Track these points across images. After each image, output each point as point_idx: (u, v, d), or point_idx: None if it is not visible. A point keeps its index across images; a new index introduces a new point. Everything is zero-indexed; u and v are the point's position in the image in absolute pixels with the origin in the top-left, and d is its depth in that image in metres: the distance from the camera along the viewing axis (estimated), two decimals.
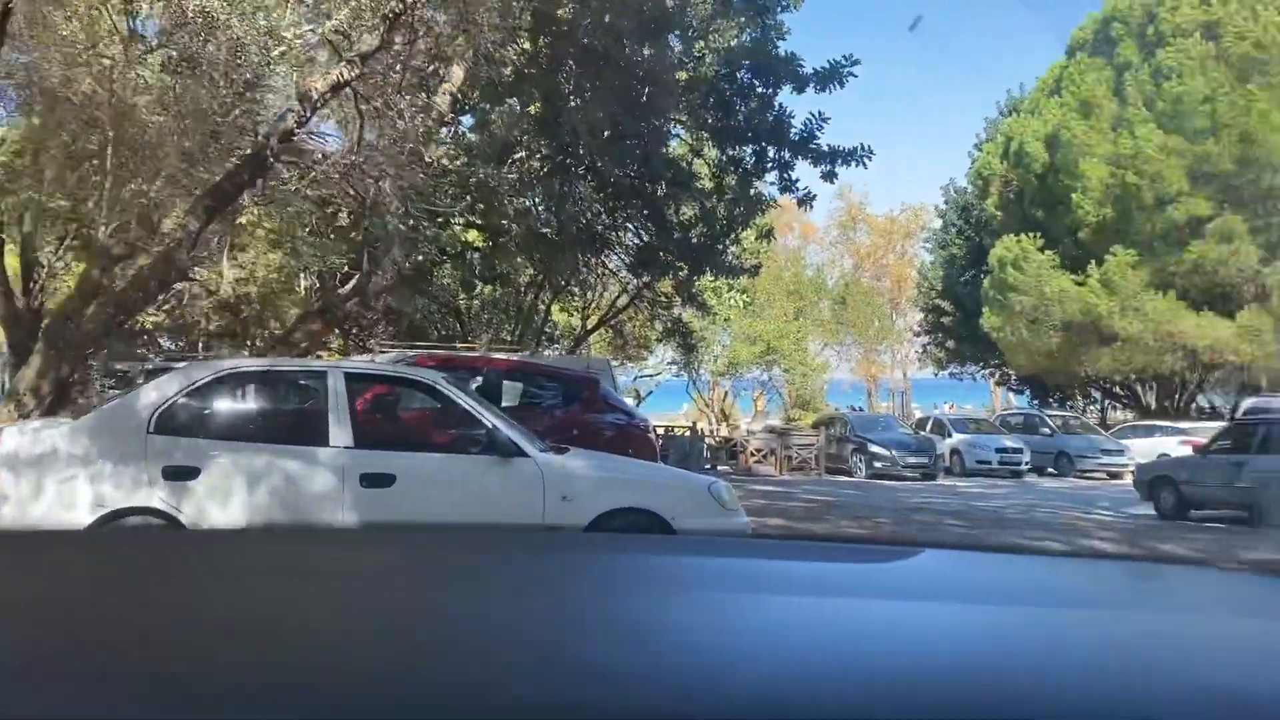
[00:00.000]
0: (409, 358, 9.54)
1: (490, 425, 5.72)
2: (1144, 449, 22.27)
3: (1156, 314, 25.04)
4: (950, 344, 37.38)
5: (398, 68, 10.29)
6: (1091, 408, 40.10)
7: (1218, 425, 23.35)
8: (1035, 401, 37.46)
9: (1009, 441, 22.99)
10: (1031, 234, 28.03)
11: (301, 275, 22.79)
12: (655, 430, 24.75)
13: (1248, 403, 16.35)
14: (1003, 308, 28.77)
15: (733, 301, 24.29)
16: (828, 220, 58.02)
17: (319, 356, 16.21)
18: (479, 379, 8.76)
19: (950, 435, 23.66)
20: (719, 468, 22.63)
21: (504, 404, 9.33)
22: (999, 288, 28.82)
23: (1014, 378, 37.79)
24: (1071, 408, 38.86)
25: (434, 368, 8.17)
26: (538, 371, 10.13)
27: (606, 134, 14.49)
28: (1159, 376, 29.11)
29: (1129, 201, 25.20)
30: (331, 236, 14.65)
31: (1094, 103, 26.96)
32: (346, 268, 16.87)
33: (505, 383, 9.47)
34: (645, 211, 15.57)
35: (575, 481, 5.72)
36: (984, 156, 33.67)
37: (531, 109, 15.42)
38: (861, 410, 34.48)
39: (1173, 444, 21.85)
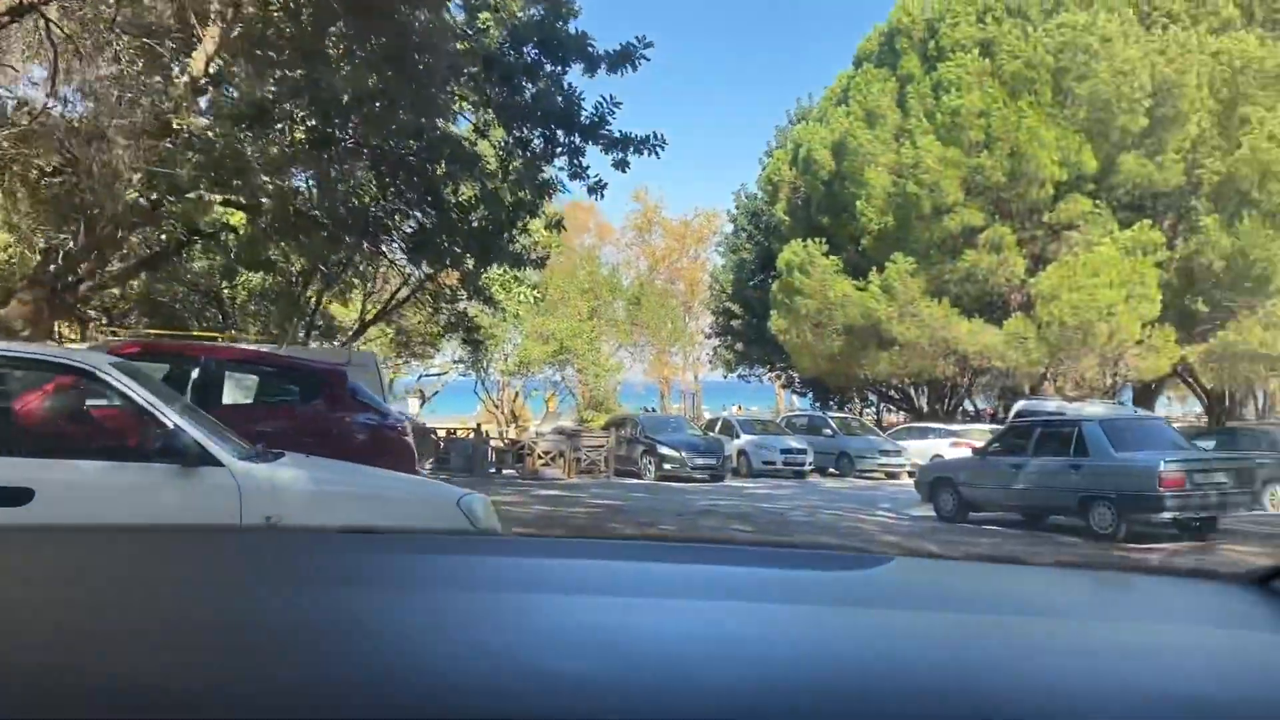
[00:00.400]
0: (107, 344, 7.93)
1: (171, 425, 4.44)
2: (919, 450, 22.92)
3: (932, 320, 25.92)
4: (739, 346, 37.82)
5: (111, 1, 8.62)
6: (868, 410, 41.80)
7: (985, 427, 24.45)
8: (817, 403, 38.54)
9: (794, 443, 23.12)
10: (817, 239, 28.52)
11: (35, 252, 20.09)
12: (434, 433, 23.39)
13: (1019, 405, 16.88)
14: (789, 311, 29.15)
15: (522, 297, 23.19)
16: (624, 222, 58.24)
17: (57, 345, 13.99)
18: (197, 370, 7.33)
19: (738, 436, 23.57)
20: (504, 471, 21.59)
21: (229, 400, 7.91)
22: (786, 292, 29.18)
23: (798, 380, 38.74)
24: (850, 410, 40.42)
25: (135, 355, 6.69)
26: (271, 363, 8.69)
27: (379, 105, 13.16)
28: (931, 380, 30.37)
29: (909, 210, 25.99)
30: (27, 198, 12.54)
31: (878, 113, 27.72)
32: (71, 244, 14.72)
33: (233, 375, 8.03)
34: (422, 192, 14.24)
35: (284, 497, 4.52)
36: (774, 163, 34.19)
37: (294, 74, 13.82)
38: (654, 411, 34.31)
39: (945, 445, 22.62)
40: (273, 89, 13.53)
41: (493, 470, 21.28)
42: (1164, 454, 10.83)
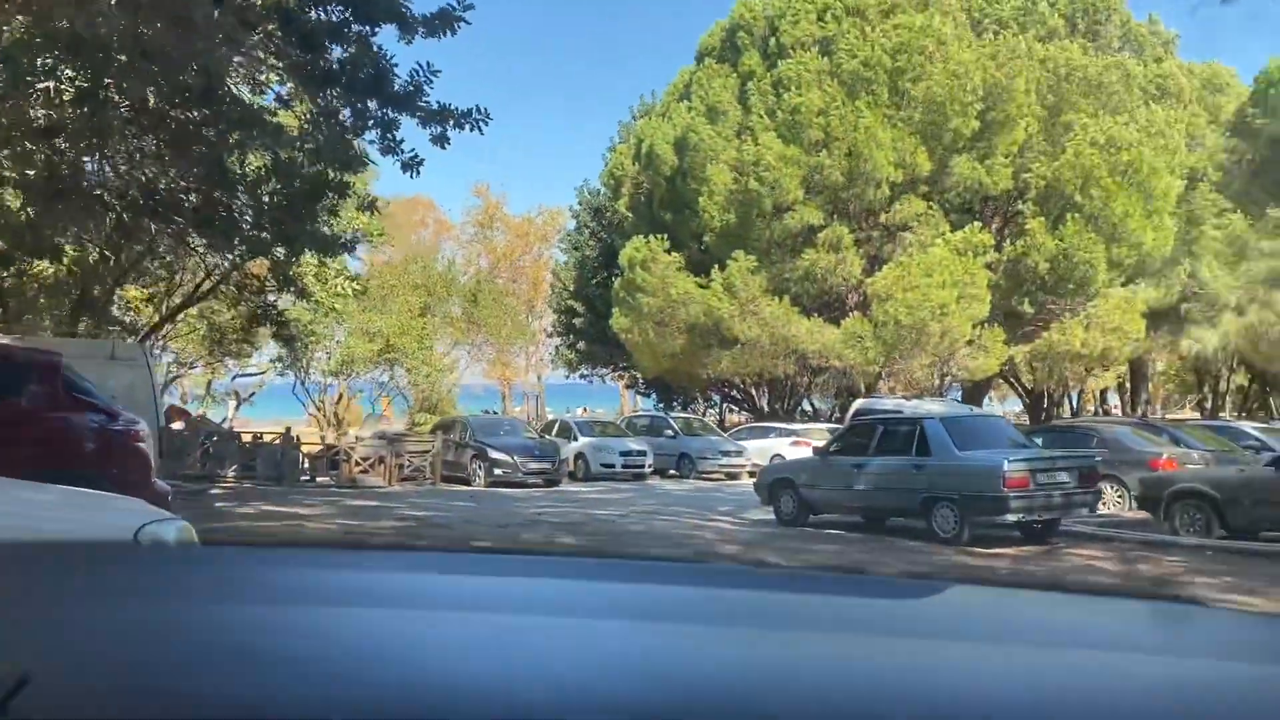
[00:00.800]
0: None
1: None
2: (760, 449, 22.48)
3: (772, 318, 25.58)
4: (581, 345, 36.84)
5: None
6: (711, 410, 41.68)
7: (824, 426, 24.25)
8: (661, 404, 38.02)
9: (633, 444, 22.25)
10: (660, 236, 27.82)
11: None
12: (239, 437, 21.33)
13: (857, 404, 16.47)
14: (631, 309, 28.35)
15: (340, 288, 21.35)
16: (465, 218, 56.48)
17: None
18: None
19: (576, 439, 22.52)
20: (320, 479, 19.85)
21: None
22: (628, 289, 28.37)
23: (641, 380, 38.13)
24: (694, 410, 40.20)
25: None
26: None
27: (155, 64, 11.47)
28: (772, 380, 30.13)
29: (750, 208, 25.60)
30: None
31: (720, 109, 27.27)
32: None
33: None
34: (209, 162, 12.48)
35: None
36: (616, 157, 33.37)
37: (58, 23, 11.92)
38: (496, 414, 32.95)
39: (785, 445, 22.24)
40: (22, 35, 11.64)
41: (306, 478, 19.53)
42: (1007, 453, 10.38)
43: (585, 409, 39.18)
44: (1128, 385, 37.93)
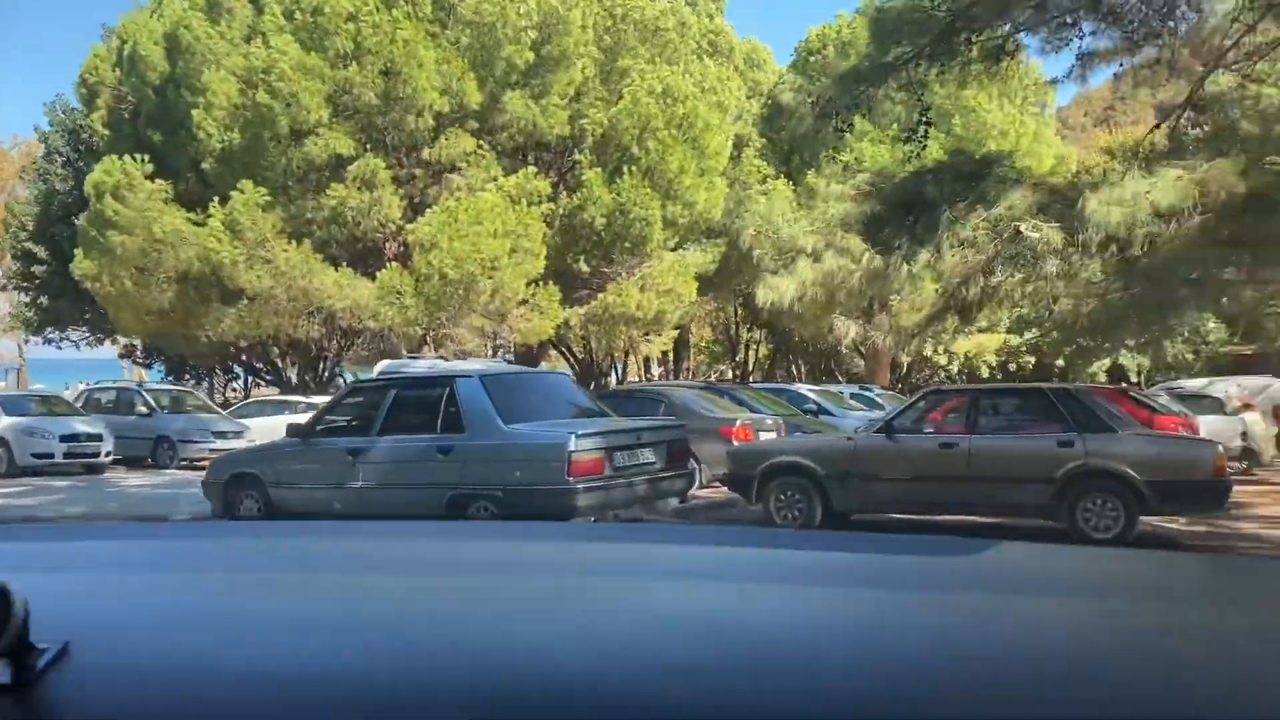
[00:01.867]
0: None
1: None
2: (268, 429, 17.80)
3: (290, 267, 20.83)
4: (44, 301, 28.94)
5: None
6: (235, 383, 35.88)
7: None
8: (170, 377, 31.48)
9: (83, 426, 16.44)
10: (141, 158, 21.73)
11: None
12: None
13: (380, 365, 12.60)
14: (103, 251, 21.96)
15: None
16: None
17: None
18: None
19: None
20: None
21: None
22: (97, 225, 21.93)
23: (140, 348, 31.22)
24: (217, 383, 34.18)
25: None
26: None
27: None
28: (296, 344, 25.24)
29: (261, 127, 20.58)
30: None
31: (224, 4, 21.87)
32: None
33: None
34: None
35: None
36: (92, 60, 26.21)
37: None
38: None
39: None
40: None
41: None
42: (574, 425, 7.14)
43: (86, 383, 31.28)
44: (670, 354, 38.02)
